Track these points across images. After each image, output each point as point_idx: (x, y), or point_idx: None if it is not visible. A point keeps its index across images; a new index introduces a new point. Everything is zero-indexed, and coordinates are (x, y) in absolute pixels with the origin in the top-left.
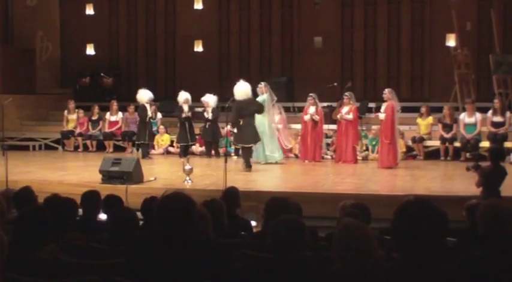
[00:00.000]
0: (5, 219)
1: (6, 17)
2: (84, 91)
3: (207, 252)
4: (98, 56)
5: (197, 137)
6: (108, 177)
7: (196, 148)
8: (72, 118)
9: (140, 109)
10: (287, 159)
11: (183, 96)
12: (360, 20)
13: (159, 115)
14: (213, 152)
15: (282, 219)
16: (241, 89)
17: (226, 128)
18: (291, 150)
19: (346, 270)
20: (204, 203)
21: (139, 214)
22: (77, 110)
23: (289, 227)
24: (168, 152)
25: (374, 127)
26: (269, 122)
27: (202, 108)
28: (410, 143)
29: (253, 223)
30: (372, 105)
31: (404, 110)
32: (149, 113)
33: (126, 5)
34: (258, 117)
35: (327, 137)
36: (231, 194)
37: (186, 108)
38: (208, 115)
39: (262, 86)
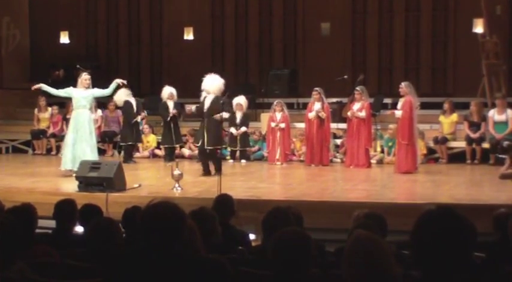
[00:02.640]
0: None
1: None
2: (57, 85)
3: (198, 270)
4: (73, 45)
5: (185, 137)
6: (86, 184)
7: (185, 151)
8: (44, 117)
9: (126, 107)
10: (290, 163)
11: (167, 91)
12: (373, 4)
13: (145, 113)
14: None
15: (284, 232)
16: (219, 83)
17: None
18: (294, 152)
19: None
20: (190, 213)
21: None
22: (49, 108)
23: (293, 241)
24: (154, 155)
25: (391, 126)
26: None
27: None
28: (431, 144)
29: (252, 236)
30: (387, 101)
31: (424, 106)
32: (138, 118)
33: None
34: (84, 113)
35: (336, 137)
36: (223, 202)
37: (171, 104)
38: None
39: (88, 77)
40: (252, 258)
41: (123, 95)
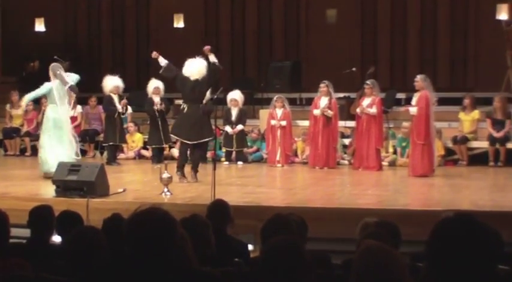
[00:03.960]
0: None
1: None
2: (32, 79)
3: None
4: (50, 34)
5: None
6: (64, 188)
7: (174, 151)
8: (17, 114)
9: (105, 101)
10: (292, 165)
11: (153, 85)
12: None
13: (130, 109)
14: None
15: (272, 241)
16: (197, 66)
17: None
18: (296, 154)
19: None
20: (181, 221)
21: None
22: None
23: (281, 251)
24: (140, 156)
25: (404, 124)
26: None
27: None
28: (450, 144)
29: (250, 247)
30: (400, 96)
31: (442, 102)
32: (118, 107)
33: None
34: (58, 109)
35: (344, 136)
36: (218, 209)
37: (157, 100)
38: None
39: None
40: (249, 271)
41: (108, 88)
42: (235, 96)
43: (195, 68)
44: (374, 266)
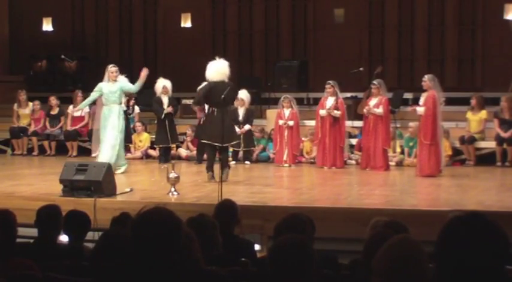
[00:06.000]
0: None
1: None
2: (39, 78)
3: None
4: (57, 33)
5: (183, 136)
6: (71, 188)
7: (181, 151)
8: (25, 113)
9: None
10: (299, 165)
11: (161, 85)
12: None
13: (137, 109)
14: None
15: (280, 239)
16: (217, 68)
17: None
18: (303, 154)
19: None
20: (188, 221)
21: None
22: (31, 103)
23: (288, 249)
24: (147, 156)
25: (411, 124)
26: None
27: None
28: (457, 144)
29: (257, 247)
30: (408, 96)
31: (449, 102)
32: (123, 106)
33: None
34: (114, 108)
35: (351, 136)
36: (226, 209)
37: (165, 99)
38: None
39: (115, 69)
40: (256, 271)
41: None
42: (242, 95)
43: (217, 70)
44: (409, 259)
